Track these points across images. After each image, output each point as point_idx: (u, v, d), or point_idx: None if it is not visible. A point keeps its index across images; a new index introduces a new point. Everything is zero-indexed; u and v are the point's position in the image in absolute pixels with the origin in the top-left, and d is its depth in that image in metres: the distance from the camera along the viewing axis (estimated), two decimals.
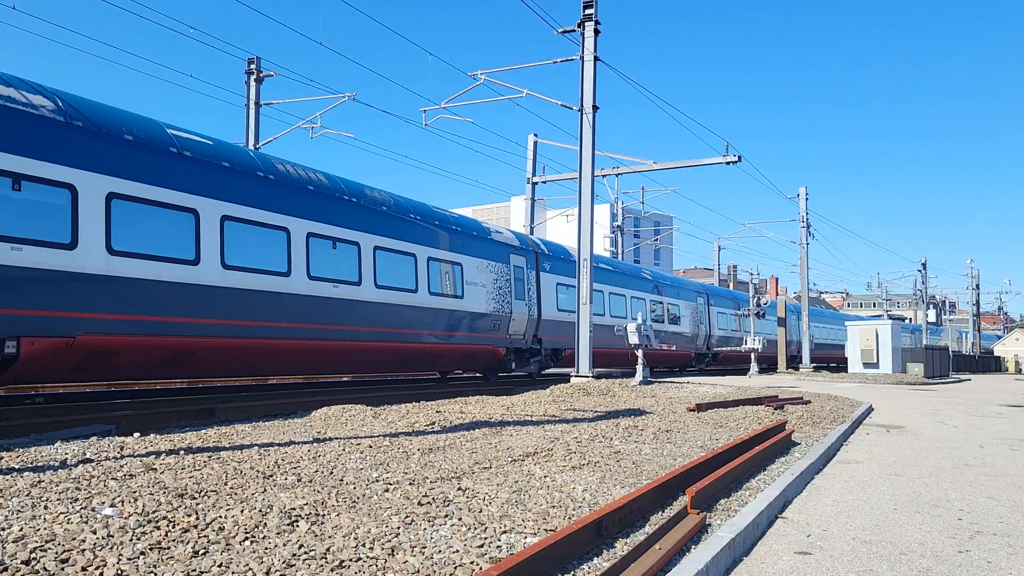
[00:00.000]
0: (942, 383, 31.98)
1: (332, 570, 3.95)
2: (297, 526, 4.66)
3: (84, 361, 11.71)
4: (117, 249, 11.92)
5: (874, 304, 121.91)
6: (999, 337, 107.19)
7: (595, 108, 20.67)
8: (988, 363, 62.29)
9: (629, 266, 32.75)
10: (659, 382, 21.39)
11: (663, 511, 5.70)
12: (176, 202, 12.92)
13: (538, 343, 23.65)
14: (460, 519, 5.02)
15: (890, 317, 69.70)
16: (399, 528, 4.73)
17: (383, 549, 4.31)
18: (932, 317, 75.49)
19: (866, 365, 36.10)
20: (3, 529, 4.26)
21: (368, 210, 17.29)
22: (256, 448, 7.54)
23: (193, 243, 13.11)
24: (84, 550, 4.02)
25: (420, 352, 18.89)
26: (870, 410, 15.83)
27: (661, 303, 32.91)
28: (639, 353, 21.08)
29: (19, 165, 10.73)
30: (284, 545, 4.29)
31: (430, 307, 18.86)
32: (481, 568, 4.12)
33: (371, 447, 7.83)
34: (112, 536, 4.26)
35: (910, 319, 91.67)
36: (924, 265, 72.36)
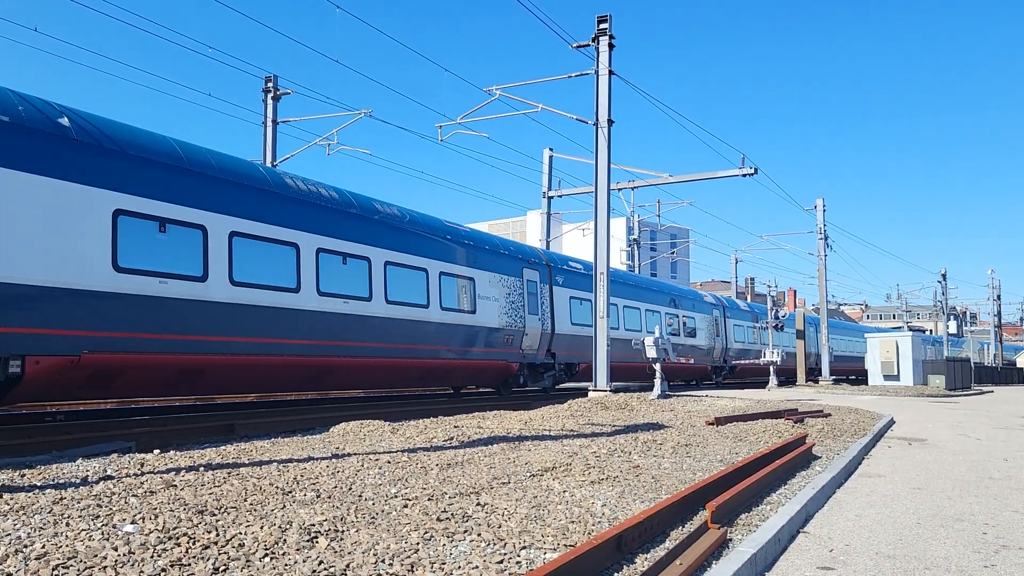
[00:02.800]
0: (964, 395, 31.63)
1: None
2: (317, 542, 4.66)
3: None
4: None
5: (894, 316, 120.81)
6: (1022, 348, 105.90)
7: (610, 122, 20.68)
8: (1011, 374, 61.50)
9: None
10: (677, 396, 21.28)
11: (683, 526, 5.66)
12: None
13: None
14: (479, 535, 5.00)
15: (910, 329, 69.07)
16: (418, 544, 4.72)
17: (402, 565, 4.30)
18: (953, 328, 74.81)
19: (886, 377, 35.75)
20: (26, 546, 4.29)
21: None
22: (275, 464, 7.56)
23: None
24: (106, 567, 4.04)
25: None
26: (891, 423, 15.67)
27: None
28: (657, 367, 20.99)
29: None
30: (304, 561, 4.29)
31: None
32: None
33: (390, 462, 7.83)
34: (133, 553, 4.27)
35: (930, 331, 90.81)
36: (944, 276, 71.76)
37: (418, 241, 18.36)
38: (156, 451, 8.40)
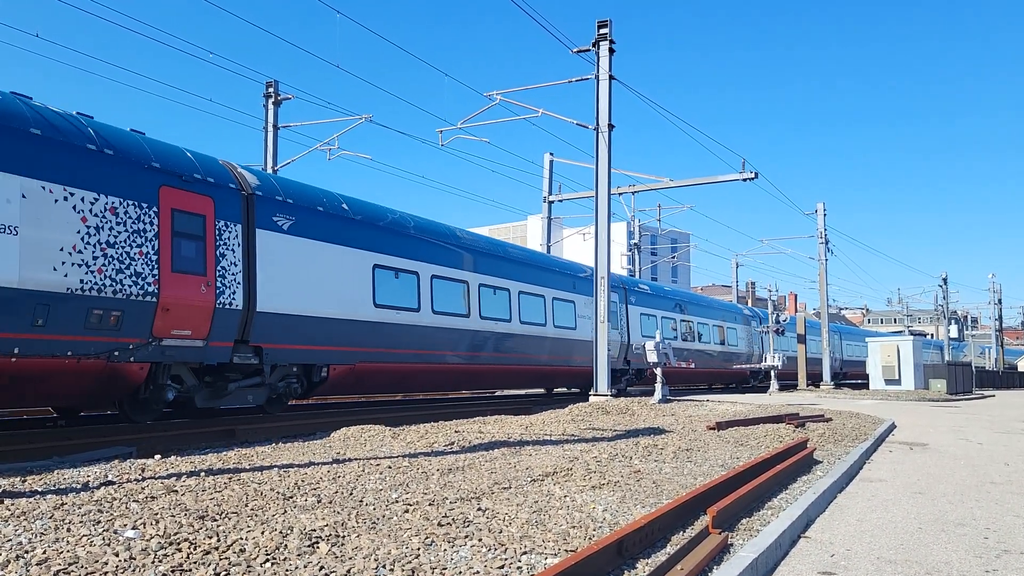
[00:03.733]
0: (965, 399, 31.60)
1: None
2: (317, 547, 4.66)
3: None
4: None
5: (895, 320, 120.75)
6: (1023, 352, 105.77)
7: (611, 126, 20.71)
8: (1012, 378, 61.43)
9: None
10: (679, 400, 21.28)
11: (684, 531, 5.66)
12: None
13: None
14: (480, 540, 5.00)
15: (911, 333, 68.99)
16: (419, 549, 4.72)
17: (403, 571, 4.30)
18: (954, 332, 74.70)
19: (888, 382, 35.72)
20: (27, 552, 4.29)
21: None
22: (276, 469, 7.56)
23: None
24: (107, 572, 4.05)
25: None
26: (892, 427, 15.66)
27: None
28: (658, 371, 20.99)
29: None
30: (305, 567, 4.29)
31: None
32: None
33: (390, 468, 7.83)
34: (134, 558, 4.28)
35: (931, 335, 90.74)
36: (945, 280, 71.71)
37: (538, 274, 22.91)
38: (157, 456, 8.40)
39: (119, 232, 11.83)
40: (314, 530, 5.01)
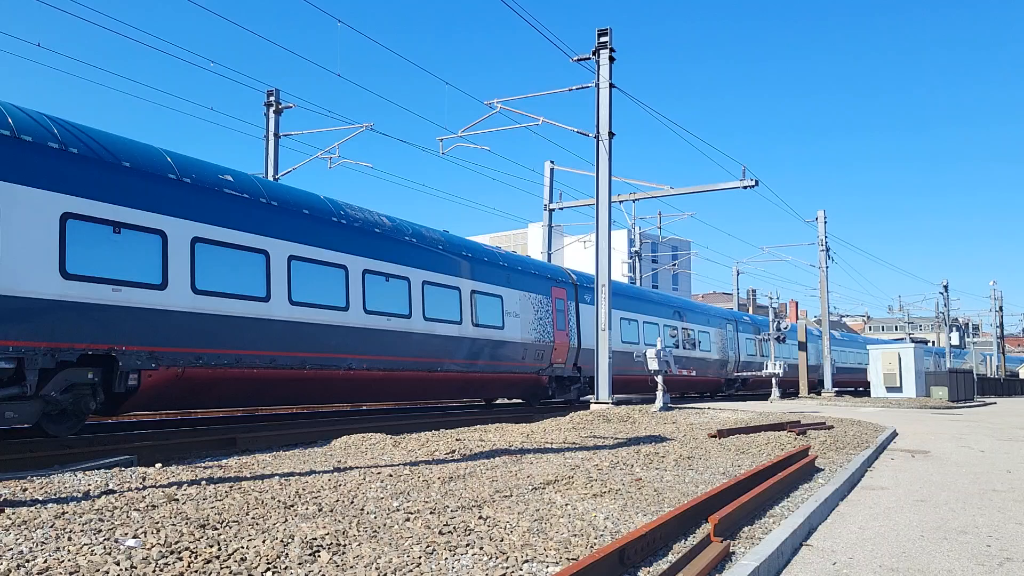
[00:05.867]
0: (967, 407, 31.53)
1: None
2: (319, 556, 4.65)
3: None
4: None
5: (896, 327, 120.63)
6: None
7: (611, 135, 20.74)
8: (1014, 386, 61.26)
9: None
10: (680, 408, 21.24)
11: (686, 539, 5.65)
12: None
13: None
14: (481, 548, 5.00)
15: (912, 340, 68.92)
16: (420, 558, 4.71)
17: None
18: (955, 340, 74.66)
19: (889, 389, 35.66)
20: (28, 561, 4.29)
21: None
22: (277, 478, 7.55)
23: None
24: None
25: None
26: (894, 435, 15.63)
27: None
28: (659, 379, 20.96)
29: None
30: (306, 575, 4.28)
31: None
32: None
33: (391, 476, 7.82)
34: (135, 567, 4.27)
35: (932, 342, 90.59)
36: (946, 287, 71.74)
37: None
38: (158, 465, 8.39)
39: (538, 310, 22.73)
40: (315, 539, 5.00)
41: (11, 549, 4.52)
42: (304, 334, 14.79)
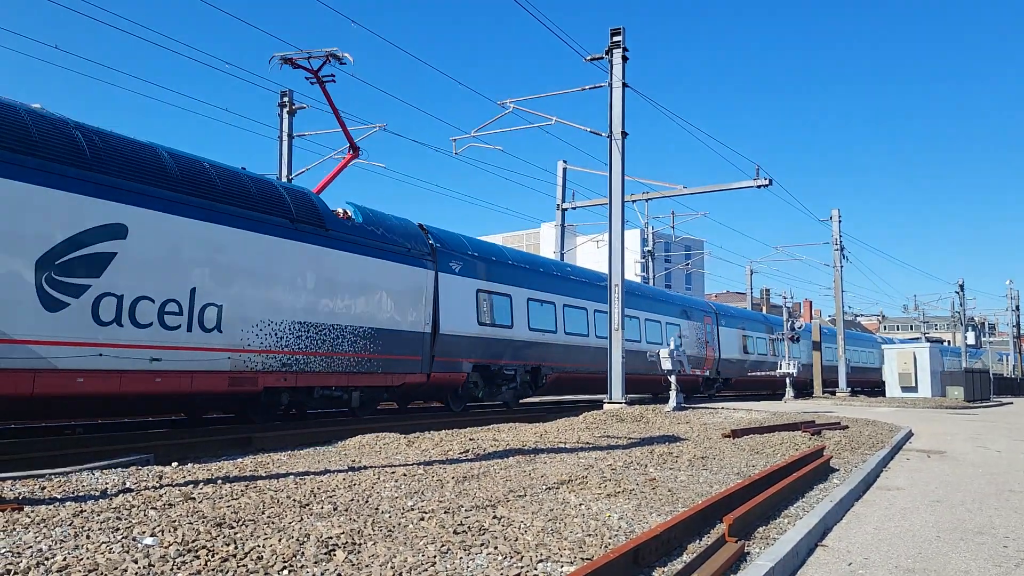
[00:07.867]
0: (983, 407, 31.33)
1: None
2: (334, 555, 4.68)
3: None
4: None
5: (911, 327, 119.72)
6: None
7: (624, 134, 20.71)
8: None
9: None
10: (693, 408, 21.20)
11: (700, 539, 5.65)
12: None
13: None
14: (496, 548, 5.01)
15: (928, 340, 68.52)
16: (435, 557, 4.73)
17: None
18: (971, 339, 74.14)
19: (904, 389, 35.49)
20: (47, 559, 4.33)
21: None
22: (292, 477, 7.59)
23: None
24: None
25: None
26: (910, 435, 15.55)
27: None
28: (672, 379, 20.93)
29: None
30: (322, 574, 4.31)
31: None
32: None
33: (406, 475, 7.85)
34: (153, 566, 4.31)
35: (948, 341, 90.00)
36: (962, 287, 71.22)
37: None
38: (174, 464, 8.45)
39: (699, 333, 31.63)
40: (330, 538, 5.03)
41: (30, 547, 4.57)
42: (571, 351, 23.56)
